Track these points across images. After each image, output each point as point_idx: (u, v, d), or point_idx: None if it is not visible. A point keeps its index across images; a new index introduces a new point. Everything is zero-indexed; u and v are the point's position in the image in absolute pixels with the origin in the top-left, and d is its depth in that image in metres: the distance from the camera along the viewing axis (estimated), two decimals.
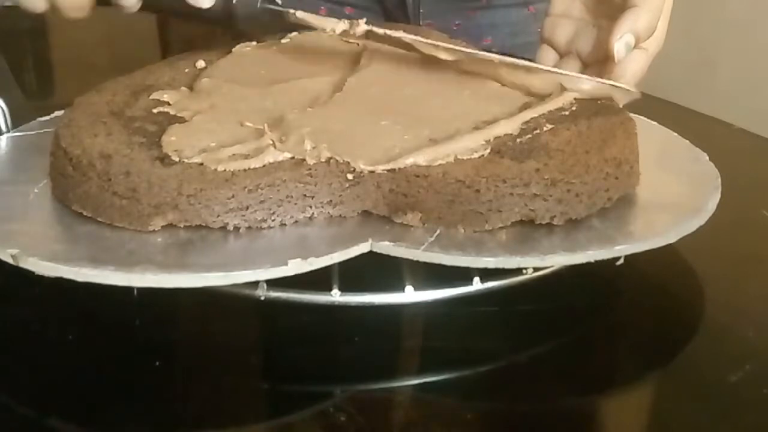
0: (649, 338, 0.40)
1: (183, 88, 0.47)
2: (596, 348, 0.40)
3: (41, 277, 0.36)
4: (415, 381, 0.37)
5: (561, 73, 0.48)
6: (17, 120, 0.52)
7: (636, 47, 0.49)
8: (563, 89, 0.47)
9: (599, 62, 0.52)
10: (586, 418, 0.36)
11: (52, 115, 0.51)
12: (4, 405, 0.35)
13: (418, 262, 0.38)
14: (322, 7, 0.83)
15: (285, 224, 0.39)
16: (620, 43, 0.48)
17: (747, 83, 1.34)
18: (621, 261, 0.39)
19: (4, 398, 0.35)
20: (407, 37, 0.49)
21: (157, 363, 0.37)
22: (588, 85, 0.48)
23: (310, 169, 0.39)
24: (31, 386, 0.36)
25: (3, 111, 0.53)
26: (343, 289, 0.38)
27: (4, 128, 0.52)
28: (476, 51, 0.49)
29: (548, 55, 0.55)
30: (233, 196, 0.38)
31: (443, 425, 0.34)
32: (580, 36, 0.54)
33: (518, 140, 0.42)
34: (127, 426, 0.34)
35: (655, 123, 0.52)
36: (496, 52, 0.53)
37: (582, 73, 0.54)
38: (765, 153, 0.61)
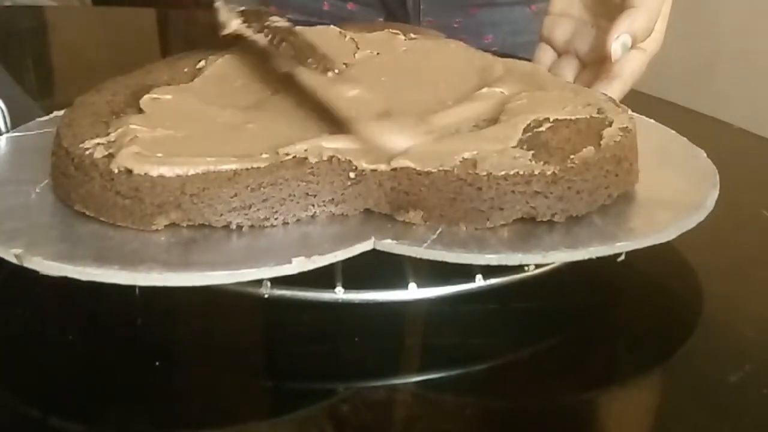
0: (649, 337, 0.40)
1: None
2: (596, 346, 0.40)
3: (41, 277, 0.36)
4: (418, 378, 0.37)
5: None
6: (17, 120, 0.52)
7: (634, 47, 0.50)
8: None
9: (597, 62, 0.52)
10: (586, 415, 0.36)
11: (52, 115, 0.50)
12: (5, 404, 0.35)
13: (420, 259, 0.38)
14: (325, 3, 0.83)
15: (287, 223, 0.39)
16: (617, 43, 0.49)
17: (746, 83, 1.35)
18: (622, 257, 0.39)
19: (5, 398, 0.35)
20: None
21: (160, 362, 0.37)
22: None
23: (312, 167, 0.39)
24: (31, 386, 0.35)
25: (3, 111, 0.53)
26: (347, 287, 0.38)
27: (3, 128, 0.52)
28: None
29: (546, 53, 0.56)
30: (236, 195, 0.38)
31: (446, 421, 0.35)
32: (579, 35, 0.54)
33: (519, 138, 0.42)
34: (131, 425, 0.34)
35: (652, 121, 0.52)
36: (496, 51, 0.54)
37: (580, 72, 0.54)
38: (765, 153, 0.61)
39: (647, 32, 0.50)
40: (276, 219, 0.39)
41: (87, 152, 0.40)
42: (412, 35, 0.54)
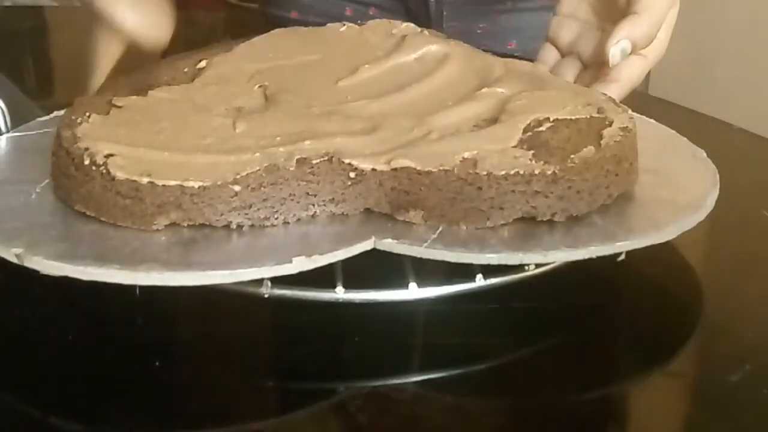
0: (649, 337, 0.40)
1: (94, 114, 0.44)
2: (596, 346, 0.40)
3: (41, 277, 0.36)
4: (418, 377, 0.37)
5: None
6: (17, 120, 0.52)
7: (635, 54, 0.50)
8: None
9: (598, 65, 0.52)
10: (586, 415, 0.36)
11: (52, 115, 0.51)
12: (5, 404, 0.35)
13: (421, 259, 0.38)
14: (348, 8, 0.84)
15: (288, 222, 0.39)
16: (616, 48, 0.49)
17: (747, 83, 1.35)
18: (622, 257, 0.39)
19: (5, 397, 0.35)
20: None
21: (160, 362, 0.37)
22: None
23: (312, 167, 0.39)
24: (31, 386, 0.35)
25: (3, 111, 0.53)
26: (347, 287, 0.38)
27: (3, 128, 0.52)
28: None
29: (550, 53, 0.56)
30: (236, 195, 0.38)
31: (446, 421, 0.34)
32: (583, 38, 0.54)
33: (519, 138, 0.42)
34: (131, 425, 0.34)
35: (653, 121, 0.53)
36: (520, 57, 0.54)
37: (580, 74, 0.54)
38: (765, 153, 0.61)
39: (648, 40, 0.50)
40: (276, 218, 0.39)
41: (87, 152, 0.40)
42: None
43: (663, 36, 0.51)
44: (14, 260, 0.36)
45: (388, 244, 0.38)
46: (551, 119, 0.43)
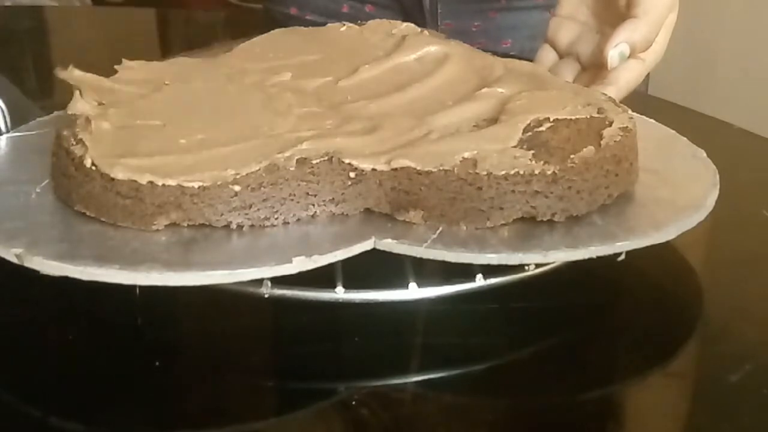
0: (649, 337, 0.40)
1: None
2: (596, 346, 0.40)
3: (41, 277, 0.36)
4: (418, 378, 0.37)
5: None
6: (17, 120, 0.52)
7: (633, 57, 0.50)
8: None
9: (596, 67, 0.52)
10: (586, 415, 0.36)
11: (52, 115, 0.51)
12: (5, 404, 0.35)
13: (421, 259, 0.38)
14: (345, 5, 0.84)
15: (288, 222, 0.39)
16: (614, 51, 0.49)
17: (747, 83, 1.35)
18: (622, 257, 0.39)
19: (5, 397, 0.35)
20: None
21: (160, 362, 0.37)
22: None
23: (312, 167, 0.39)
24: (31, 386, 0.35)
25: (3, 111, 0.53)
26: (347, 287, 0.38)
27: (3, 128, 0.52)
28: None
29: (548, 55, 0.56)
30: (236, 195, 0.38)
31: (445, 421, 0.35)
32: (582, 40, 0.54)
33: (519, 138, 0.42)
34: (131, 425, 0.34)
35: (652, 120, 0.52)
36: (515, 56, 0.54)
37: (578, 75, 0.54)
38: (765, 153, 0.61)
39: (647, 44, 0.50)
40: (276, 218, 0.39)
41: (87, 152, 0.40)
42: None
43: (662, 40, 0.51)
44: (14, 260, 0.36)
45: (388, 244, 0.38)
46: (551, 119, 0.43)
